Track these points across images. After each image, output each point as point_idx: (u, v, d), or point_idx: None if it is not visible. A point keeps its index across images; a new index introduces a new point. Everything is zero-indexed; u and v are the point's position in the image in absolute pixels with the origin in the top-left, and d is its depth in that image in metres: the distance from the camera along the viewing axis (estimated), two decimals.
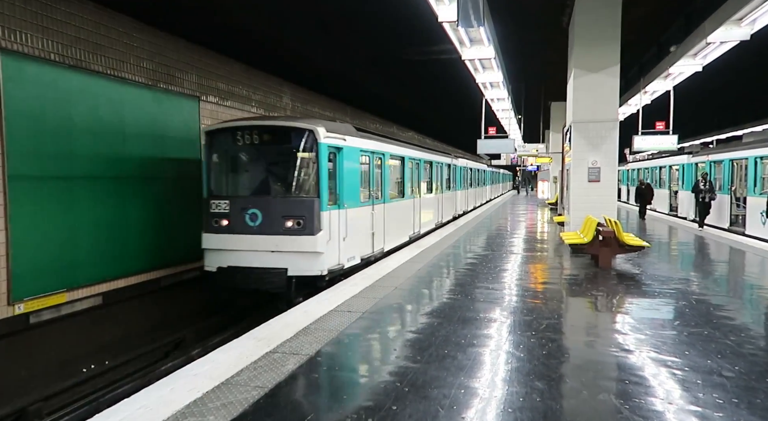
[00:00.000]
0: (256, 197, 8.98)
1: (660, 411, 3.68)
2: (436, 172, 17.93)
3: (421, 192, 15.60)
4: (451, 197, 20.93)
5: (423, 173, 15.88)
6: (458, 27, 7.83)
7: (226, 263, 8.83)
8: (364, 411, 3.68)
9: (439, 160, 18.37)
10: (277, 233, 8.54)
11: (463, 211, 23.67)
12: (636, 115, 19.78)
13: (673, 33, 14.69)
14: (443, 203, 18.94)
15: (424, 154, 16.19)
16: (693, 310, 6.52)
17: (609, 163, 11.70)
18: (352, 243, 9.70)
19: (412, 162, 14.52)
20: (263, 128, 9.04)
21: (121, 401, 3.89)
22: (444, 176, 19.45)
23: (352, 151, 9.88)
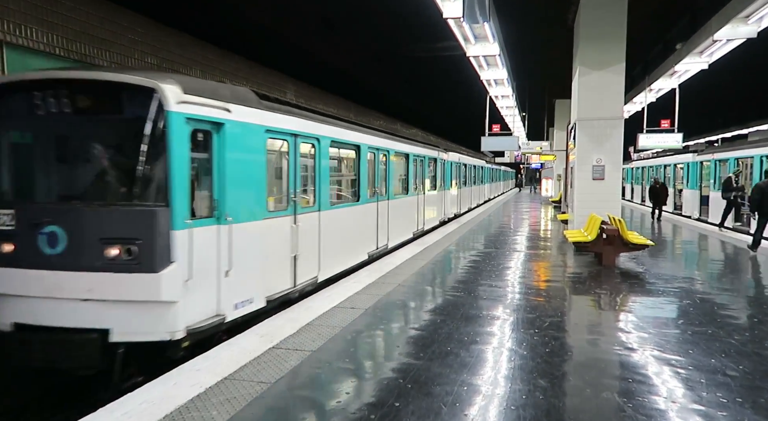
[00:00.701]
0: (58, 206, 5.29)
1: (663, 410, 3.67)
2: (416, 168, 14.39)
3: (391, 192, 12.07)
4: (437, 198, 17.23)
5: (394, 169, 12.44)
6: (463, 23, 7.79)
7: (10, 318, 5.08)
8: (367, 407, 3.68)
9: (419, 152, 14.63)
10: (91, 267, 4.89)
11: (454, 213, 20.46)
12: (641, 113, 19.69)
13: (679, 30, 14.61)
14: (425, 206, 15.45)
15: (395, 144, 12.52)
16: (697, 309, 6.50)
17: (613, 161, 11.66)
18: (247, 277, 6.08)
19: (375, 153, 11.06)
20: (71, 85, 5.18)
21: (124, 396, 3.90)
22: (427, 173, 15.92)
23: (249, 131, 6.25)
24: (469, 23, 7.96)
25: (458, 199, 21.42)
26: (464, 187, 23.14)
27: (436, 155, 17.01)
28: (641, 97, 20.31)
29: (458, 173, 21.34)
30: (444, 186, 18.29)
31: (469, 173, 24.87)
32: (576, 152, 12.11)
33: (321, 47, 15.18)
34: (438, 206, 17.39)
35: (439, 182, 17.46)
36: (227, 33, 12.40)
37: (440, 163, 17.61)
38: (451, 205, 19.74)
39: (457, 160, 21.05)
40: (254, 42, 13.43)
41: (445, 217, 18.63)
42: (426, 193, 15.52)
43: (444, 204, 18.46)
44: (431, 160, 16.23)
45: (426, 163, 15.49)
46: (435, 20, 10.79)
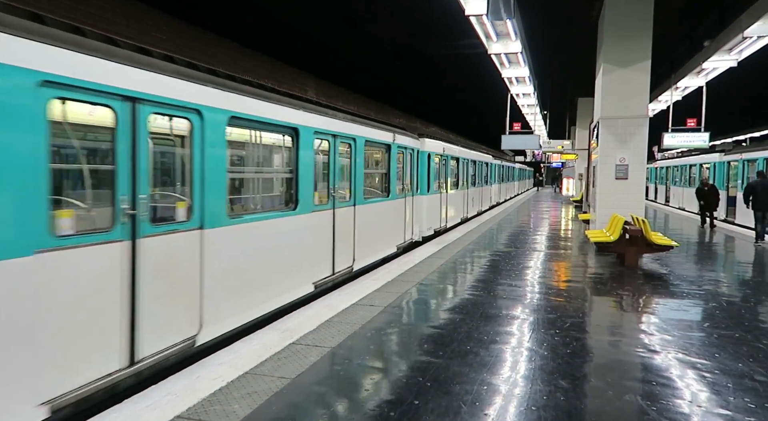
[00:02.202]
0: None
1: (688, 414, 3.60)
2: (355, 161, 8.73)
3: (304, 202, 7.06)
4: (402, 208, 11.03)
5: (316, 162, 7.48)
6: (487, 19, 7.72)
7: None
8: (386, 404, 3.68)
9: (356, 133, 8.64)
10: None
11: (443, 226, 15.05)
12: (666, 112, 19.32)
13: (706, 27, 14.27)
14: (380, 222, 9.91)
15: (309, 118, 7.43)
16: (723, 311, 6.36)
17: (637, 160, 11.46)
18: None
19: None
20: None
21: (148, 388, 3.97)
22: (384, 169, 10.46)
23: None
24: (492, 20, 7.87)
25: (443, 205, 15.05)
26: (457, 189, 16.93)
27: (409, 143, 11.60)
28: (667, 96, 19.92)
29: (444, 170, 15.04)
30: (420, 190, 12.81)
31: (467, 170, 18.65)
32: (599, 151, 11.94)
33: (342, 44, 15.21)
34: (404, 218, 11.56)
35: (411, 183, 12.01)
36: (249, 30, 12.50)
37: (410, 155, 11.79)
38: (432, 215, 13.99)
39: (440, 151, 14.42)
40: (276, 39, 13.52)
41: (419, 235, 13.06)
42: (383, 202, 10.32)
43: (421, 214, 13.09)
44: (385, 147, 10.41)
45: (374, 150, 10.66)
46: (456, 18, 10.73)
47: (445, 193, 15.16)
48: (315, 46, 14.87)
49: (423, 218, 12.96)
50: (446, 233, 12.62)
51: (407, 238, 11.57)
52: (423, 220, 12.97)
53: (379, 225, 9.78)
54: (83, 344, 3.69)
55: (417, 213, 12.46)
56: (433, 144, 13.88)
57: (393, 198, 10.26)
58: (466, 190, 18.50)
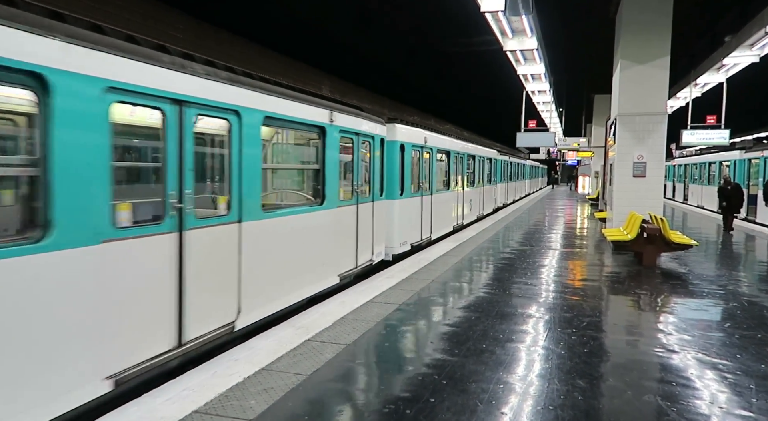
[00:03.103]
0: None
1: (709, 415, 3.54)
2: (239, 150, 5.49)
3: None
4: (350, 218, 7.90)
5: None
6: (505, 15, 7.65)
7: None
8: (402, 402, 3.68)
9: (237, 102, 5.25)
10: None
11: (426, 238, 11.77)
12: (684, 109, 19.03)
13: (728, 22, 14.01)
14: (300, 243, 6.55)
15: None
16: (745, 312, 6.24)
17: (655, 158, 11.30)
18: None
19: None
20: None
21: (166, 383, 4.01)
22: (316, 164, 7.23)
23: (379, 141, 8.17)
24: (510, 16, 7.81)
25: (414, 217, 11.15)
26: (440, 192, 13.02)
27: (351, 124, 8.02)
28: (686, 92, 19.61)
29: (420, 165, 11.50)
30: (384, 192, 9.47)
31: (454, 166, 14.35)
32: (616, 149, 11.79)
33: (356, 41, 15.21)
34: (360, 235, 8.66)
35: (375, 185, 8.96)
36: (264, 28, 12.56)
37: (367, 144, 8.75)
38: (402, 229, 10.43)
39: (412, 140, 10.83)
40: (291, 37, 13.57)
41: (374, 258, 9.13)
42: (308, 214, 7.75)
43: (371, 231, 9.10)
44: (318, 130, 7.35)
45: (311, 142, 8.26)
46: (471, 14, 10.66)
47: (429, 196, 11.78)
48: (329, 44, 14.89)
49: (394, 229, 9.77)
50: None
51: (362, 261, 8.22)
52: (394, 232, 9.77)
53: (296, 249, 6.26)
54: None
55: (381, 224, 8.98)
56: (408, 132, 10.46)
57: (330, 206, 6.94)
58: (461, 191, 15.01)
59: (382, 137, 9.00)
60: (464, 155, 15.38)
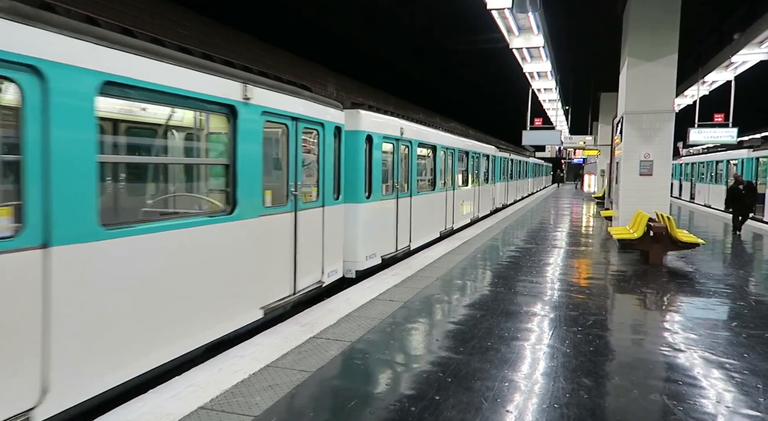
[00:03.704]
0: None
1: (716, 414, 3.52)
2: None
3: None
4: (284, 230, 6.09)
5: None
6: (510, 13, 7.62)
7: None
8: (407, 399, 3.68)
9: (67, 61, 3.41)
10: None
11: (404, 248, 9.97)
12: (692, 107, 18.91)
13: (736, 19, 13.89)
14: (187, 272, 4.58)
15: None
16: (752, 311, 6.20)
17: (662, 156, 11.24)
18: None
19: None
20: None
21: (172, 379, 4.03)
22: (223, 158, 5.39)
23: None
24: (517, 13, 7.77)
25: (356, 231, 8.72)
26: (433, 190, 11.75)
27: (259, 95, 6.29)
28: (693, 90, 19.48)
29: (408, 164, 10.18)
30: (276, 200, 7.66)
31: (446, 164, 12.83)
32: (622, 147, 11.73)
33: (363, 39, 15.20)
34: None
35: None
36: (270, 26, 12.57)
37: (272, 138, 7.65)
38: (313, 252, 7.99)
39: (393, 133, 9.32)
40: (297, 35, 13.58)
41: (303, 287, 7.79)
42: None
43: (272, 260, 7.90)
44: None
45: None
46: (477, 11, 10.63)
47: (408, 198, 10.03)
48: (335, 41, 14.89)
49: (357, 239, 8.06)
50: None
51: (306, 284, 6.42)
52: (357, 243, 8.07)
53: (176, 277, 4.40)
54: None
55: (336, 234, 7.30)
56: (377, 121, 8.65)
57: (245, 215, 5.17)
58: (450, 191, 13.11)
59: (337, 125, 7.24)
60: (455, 151, 13.50)
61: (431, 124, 12.05)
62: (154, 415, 3.40)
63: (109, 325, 3.62)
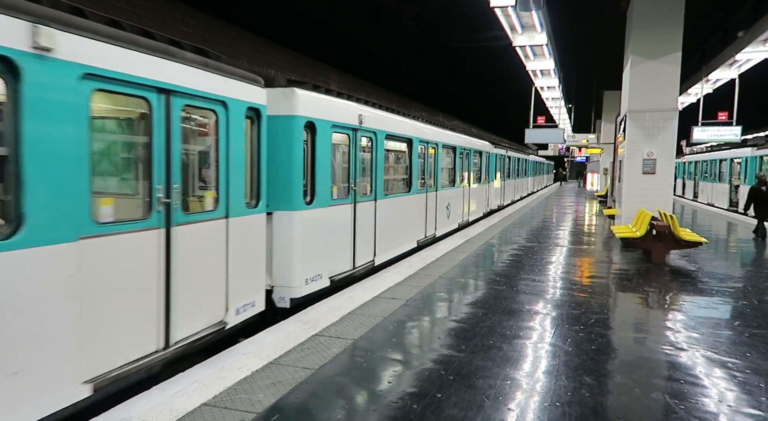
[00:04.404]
0: None
1: (717, 413, 3.53)
2: None
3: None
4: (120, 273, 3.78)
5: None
6: (513, 11, 7.61)
7: None
8: (409, 397, 3.69)
9: None
10: None
11: (366, 264, 8.18)
12: (695, 105, 18.85)
13: (740, 17, 13.83)
14: None
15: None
16: (755, 310, 6.19)
17: (666, 154, 11.21)
18: None
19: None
20: None
21: (176, 376, 4.05)
22: None
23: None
24: (520, 11, 7.76)
25: None
26: (408, 192, 10.09)
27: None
28: (697, 88, 19.42)
29: (373, 160, 8.51)
30: None
31: (430, 161, 11.30)
32: (625, 145, 11.71)
33: (365, 37, 15.18)
34: None
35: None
36: (273, 23, 12.57)
37: None
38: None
39: (348, 122, 7.57)
40: (300, 32, 13.57)
41: None
42: None
43: None
44: None
45: None
46: (480, 9, 10.61)
47: (372, 202, 8.24)
48: (338, 39, 14.88)
49: (292, 257, 6.18)
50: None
51: (191, 331, 4.48)
52: (292, 262, 6.19)
53: None
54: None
55: (253, 253, 5.45)
56: (324, 105, 6.77)
57: (36, 239, 3.09)
58: (431, 193, 11.40)
59: (252, 106, 5.28)
60: (437, 146, 11.70)
61: (407, 114, 10.17)
62: (159, 411, 3.42)
63: None
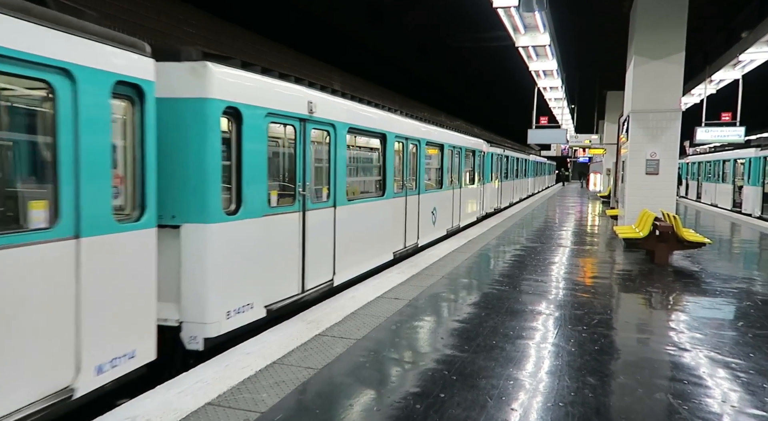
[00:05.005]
0: None
1: (721, 414, 3.52)
2: None
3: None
4: None
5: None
6: (516, 11, 7.61)
7: None
8: (412, 397, 3.70)
9: None
10: None
11: (307, 291, 6.26)
12: (699, 106, 18.80)
13: (744, 18, 13.80)
14: None
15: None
16: (759, 311, 6.18)
17: (669, 155, 11.19)
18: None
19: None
20: None
21: (179, 375, 4.07)
22: None
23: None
24: (523, 12, 7.76)
25: None
26: (382, 196, 8.71)
27: None
28: (700, 89, 19.37)
29: (332, 158, 6.92)
30: None
31: (399, 159, 9.64)
32: (628, 146, 11.69)
33: (368, 37, 15.19)
34: None
35: None
36: (274, 23, 12.58)
37: None
38: None
39: (290, 109, 5.78)
40: (301, 32, 13.59)
41: None
42: None
43: None
44: None
45: None
46: (483, 9, 10.61)
47: (331, 209, 6.75)
48: (340, 39, 14.89)
49: (205, 283, 4.65)
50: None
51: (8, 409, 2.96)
52: (206, 290, 4.65)
53: None
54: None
55: (135, 286, 3.87)
56: (253, 86, 5.25)
57: None
58: (413, 196, 9.99)
59: (130, 82, 3.83)
60: (419, 142, 10.29)
61: (382, 106, 8.94)
62: (162, 410, 3.43)
63: None
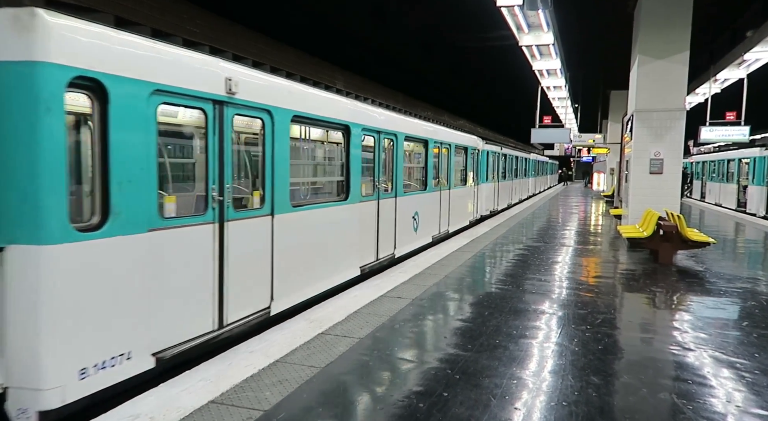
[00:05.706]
0: None
1: (725, 414, 3.51)
2: None
3: None
4: None
5: None
6: (519, 10, 7.59)
7: None
8: (415, 396, 3.70)
9: None
10: None
11: (227, 327, 4.88)
12: (703, 105, 18.73)
13: (749, 17, 13.73)
14: None
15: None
16: (764, 310, 6.15)
17: (673, 154, 11.15)
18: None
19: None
20: None
21: (182, 373, 4.08)
22: None
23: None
24: (528, 11, 7.74)
25: None
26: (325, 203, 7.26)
27: None
28: (705, 88, 19.29)
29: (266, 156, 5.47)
30: None
31: (372, 156, 8.37)
32: (632, 145, 11.66)
33: (372, 36, 15.19)
34: None
35: None
36: (278, 22, 12.60)
37: None
38: None
39: (158, 81, 3.94)
40: (306, 31, 13.59)
41: None
42: None
43: None
44: None
45: None
46: (487, 8, 10.60)
47: (268, 218, 5.42)
48: (344, 38, 14.89)
49: (39, 332, 3.23)
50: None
51: None
52: (38, 342, 3.23)
53: None
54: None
55: None
56: (131, 51, 3.76)
57: None
58: (388, 199, 8.78)
59: None
60: (396, 137, 8.97)
61: (347, 93, 7.83)
62: (166, 408, 3.44)
63: None
